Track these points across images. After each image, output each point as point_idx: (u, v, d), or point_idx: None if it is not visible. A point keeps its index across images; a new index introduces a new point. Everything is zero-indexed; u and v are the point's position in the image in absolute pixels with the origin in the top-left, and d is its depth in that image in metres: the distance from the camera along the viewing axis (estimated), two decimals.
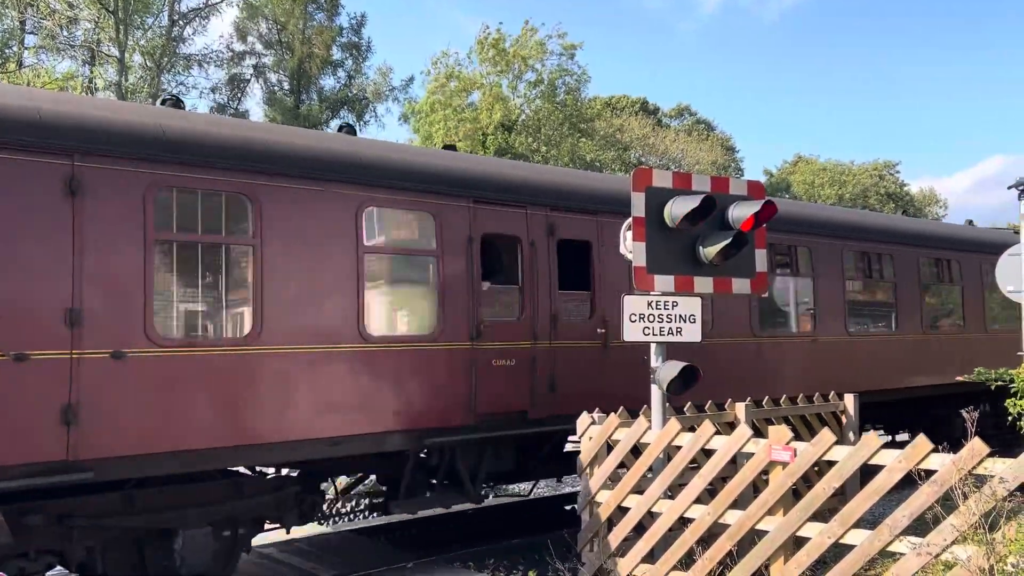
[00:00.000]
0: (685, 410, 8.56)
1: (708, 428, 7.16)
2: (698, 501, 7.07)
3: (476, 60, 36.69)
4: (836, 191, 58.55)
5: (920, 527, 5.90)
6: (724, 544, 6.77)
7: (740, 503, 6.90)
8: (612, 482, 7.72)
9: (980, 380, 10.22)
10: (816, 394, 9.90)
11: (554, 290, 9.70)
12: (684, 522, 7.16)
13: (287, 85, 42.10)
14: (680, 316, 7.82)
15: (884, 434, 14.51)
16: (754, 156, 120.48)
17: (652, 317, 7.78)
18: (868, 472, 6.26)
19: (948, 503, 5.70)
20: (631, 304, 7.80)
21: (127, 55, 34.77)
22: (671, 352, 7.98)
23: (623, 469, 7.75)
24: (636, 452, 7.63)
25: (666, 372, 7.66)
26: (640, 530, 7.47)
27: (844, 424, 9.87)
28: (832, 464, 6.47)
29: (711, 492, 7.28)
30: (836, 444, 6.44)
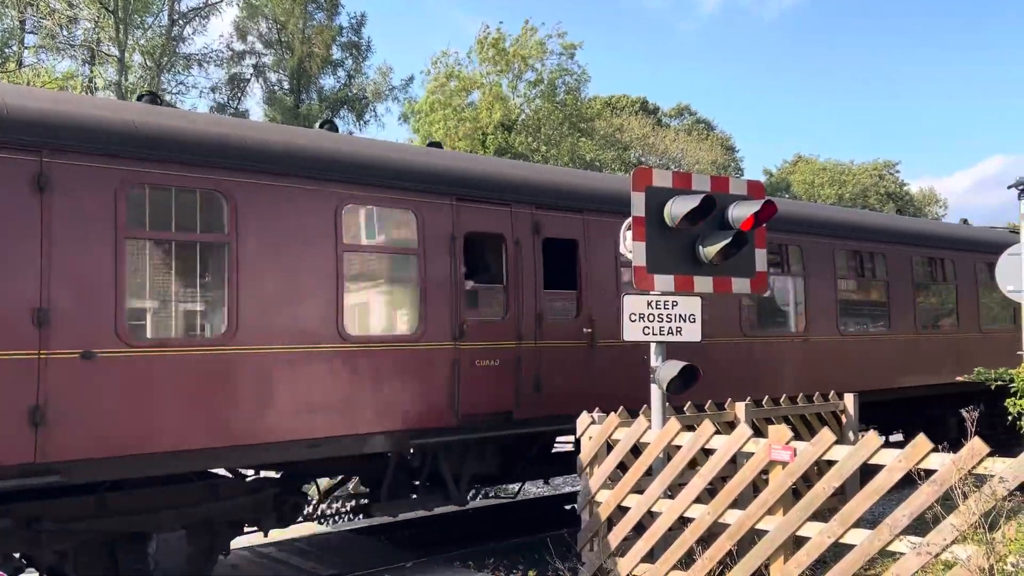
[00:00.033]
0: (685, 410, 8.56)
1: (708, 428, 7.16)
2: (698, 501, 7.08)
3: (476, 60, 36.73)
4: (836, 191, 58.58)
5: (920, 527, 5.90)
6: (724, 544, 6.77)
7: (740, 503, 6.90)
8: (612, 482, 7.72)
9: (980, 380, 10.18)
10: (816, 393, 9.90)
11: (539, 289, 9.56)
12: (684, 522, 7.16)
13: (287, 85, 42.12)
14: (680, 316, 7.82)
15: (877, 435, 14.43)
16: (754, 156, 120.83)
17: (652, 317, 7.78)
18: (868, 472, 6.27)
19: (948, 503, 5.70)
20: (631, 303, 7.80)
21: (127, 55, 34.78)
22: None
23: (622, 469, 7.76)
24: (636, 452, 7.63)
25: (666, 371, 7.66)
26: (640, 530, 7.47)
27: (844, 424, 9.87)
28: (832, 464, 6.47)
29: (711, 492, 7.28)
30: (836, 444, 6.44)
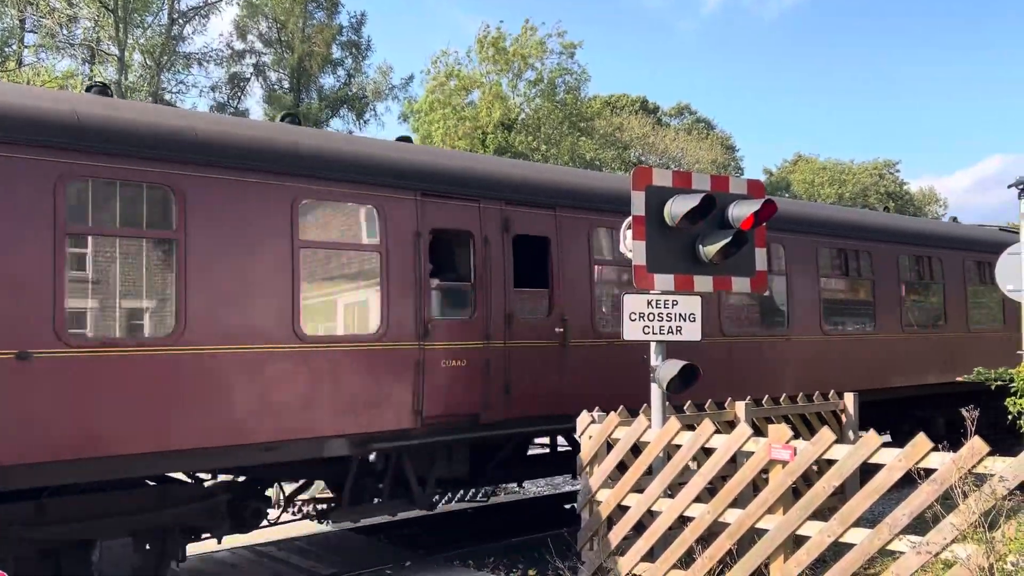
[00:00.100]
0: (685, 409, 8.56)
1: (708, 427, 7.16)
2: (698, 500, 7.07)
3: (476, 59, 36.73)
4: (836, 190, 58.61)
5: (920, 526, 5.90)
6: (724, 543, 6.77)
7: (740, 502, 6.89)
8: (612, 481, 7.72)
9: (980, 380, 10.15)
10: (816, 393, 9.89)
11: (509, 287, 9.30)
12: (684, 521, 7.16)
13: (287, 84, 42.12)
14: (680, 315, 7.81)
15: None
16: (754, 155, 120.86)
17: (652, 316, 7.78)
18: (868, 471, 6.27)
19: (948, 502, 5.70)
20: (631, 303, 7.79)
21: (127, 54, 34.80)
22: (627, 352, 7.73)
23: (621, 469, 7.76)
24: (636, 451, 7.63)
25: (666, 371, 7.66)
26: (640, 529, 7.47)
27: (844, 423, 9.87)
28: (832, 463, 6.47)
29: (711, 491, 7.28)
30: (836, 443, 6.44)
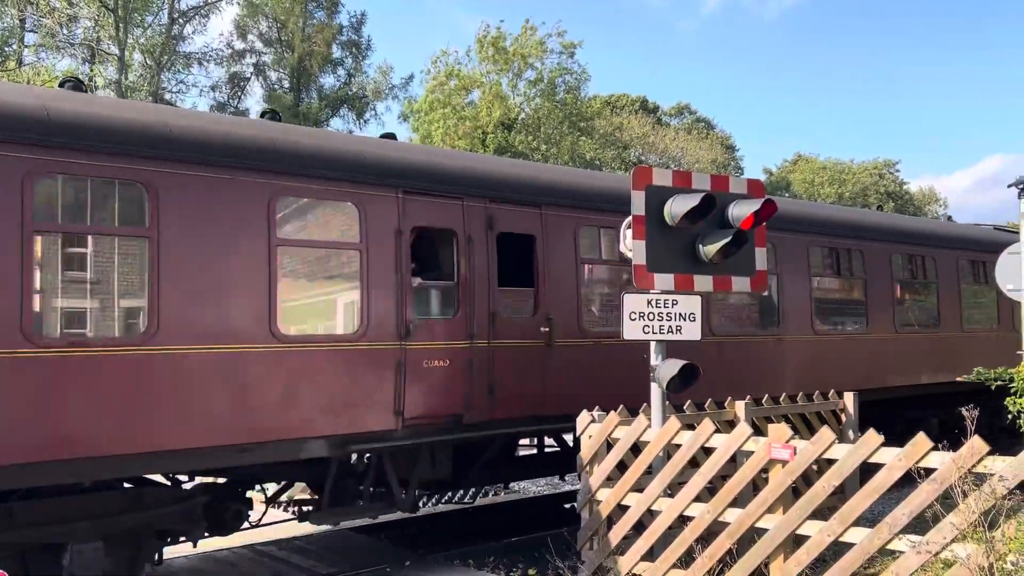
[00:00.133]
0: (685, 408, 8.56)
1: (708, 426, 7.16)
2: (698, 499, 7.08)
3: (476, 58, 36.72)
4: (836, 190, 58.60)
5: (920, 525, 5.90)
6: (724, 542, 6.77)
7: (740, 501, 6.90)
8: (612, 480, 7.73)
9: (980, 380, 10.14)
10: (816, 392, 9.89)
11: (493, 286, 9.14)
12: (684, 520, 7.16)
13: (287, 83, 42.11)
14: (680, 314, 7.82)
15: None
16: (754, 155, 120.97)
17: (652, 315, 7.78)
18: (867, 470, 6.27)
19: (948, 501, 5.70)
20: (631, 302, 7.79)
21: (127, 53, 34.78)
22: (613, 352, 7.69)
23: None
24: (636, 450, 7.63)
25: (666, 370, 7.66)
26: (640, 528, 7.47)
27: (844, 422, 9.87)
28: (832, 462, 6.48)
29: (711, 490, 7.29)
30: (836, 442, 6.44)
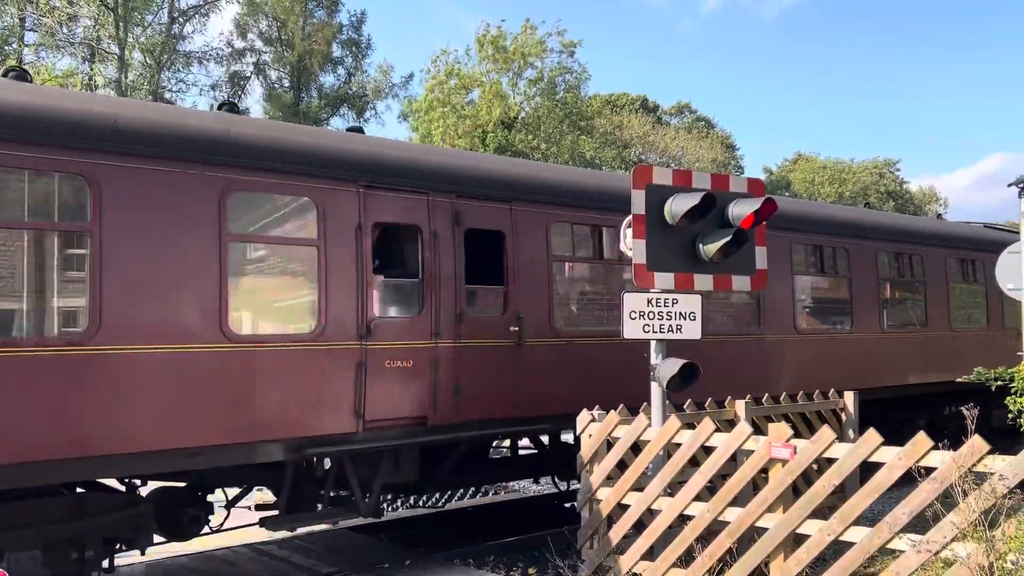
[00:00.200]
0: (685, 407, 8.56)
1: (708, 425, 7.16)
2: (698, 498, 7.08)
3: (475, 57, 36.71)
4: (836, 189, 58.60)
5: (920, 524, 5.90)
6: (724, 541, 6.77)
7: (740, 500, 6.89)
8: (612, 479, 7.72)
9: (980, 380, 10.12)
10: (816, 392, 9.88)
11: (460, 284, 8.90)
12: (684, 519, 7.16)
13: (287, 82, 42.10)
14: (680, 314, 7.81)
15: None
16: (754, 154, 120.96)
17: (652, 314, 7.77)
18: (868, 469, 6.27)
19: (948, 500, 5.70)
20: (631, 301, 7.79)
21: (127, 52, 34.79)
22: (587, 352, 7.60)
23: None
24: (636, 449, 7.63)
25: (666, 369, 7.66)
26: (640, 527, 7.47)
27: (844, 421, 9.87)
28: (832, 461, 6.47)
29: (711, 489, 7.28)
30: (836, 441, 6.44)
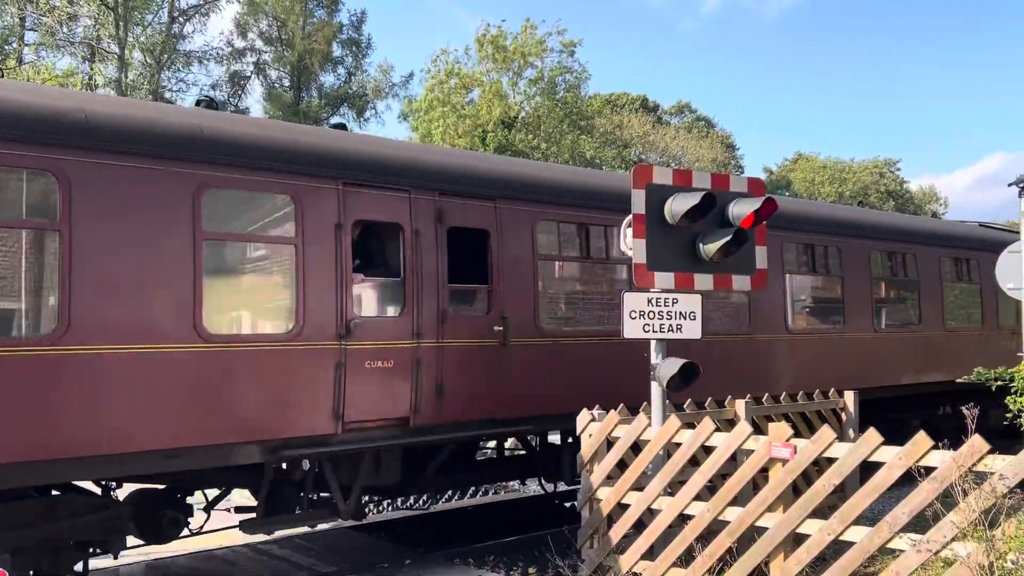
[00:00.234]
0: (685, 407, 8.56)
1: (708, 425, 7.16)
2: (698, 498, 7.08)
3: (475, 56, 36.69)
4: (836, 188, 58.57)
5: (920, 524, 5.91)
6: (724, 541, 6.77)
7: (740, 500, 6.90)
8: (612, 479, 7.73)
9: (980, 380, 10.12)
10: (816, 391, 9.88)
11: (442, 283, 8.78)
12: (684, 519, 7.16)
13: (287, 82, 42.09)
14: (680, 313, 7.81)
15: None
16: (754, 154, 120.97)
17: (652, 314, 7.77)
18: (868, 469, 6.27)
19: (948, 500, 5.70)
20: (631, 301, 7.79)
21: (127, 52, 34.78)
22: (573, 352, 7.58)
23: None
24: (636, 449, 7.63)
25: (666, 369, 7.66)
26: (640, 527, 7.47)
27: (844, 421, 9.87)
28: (832, 461, 6.47)
29: (711, 489, 7.28)
30: (836, 441, 6.44)
